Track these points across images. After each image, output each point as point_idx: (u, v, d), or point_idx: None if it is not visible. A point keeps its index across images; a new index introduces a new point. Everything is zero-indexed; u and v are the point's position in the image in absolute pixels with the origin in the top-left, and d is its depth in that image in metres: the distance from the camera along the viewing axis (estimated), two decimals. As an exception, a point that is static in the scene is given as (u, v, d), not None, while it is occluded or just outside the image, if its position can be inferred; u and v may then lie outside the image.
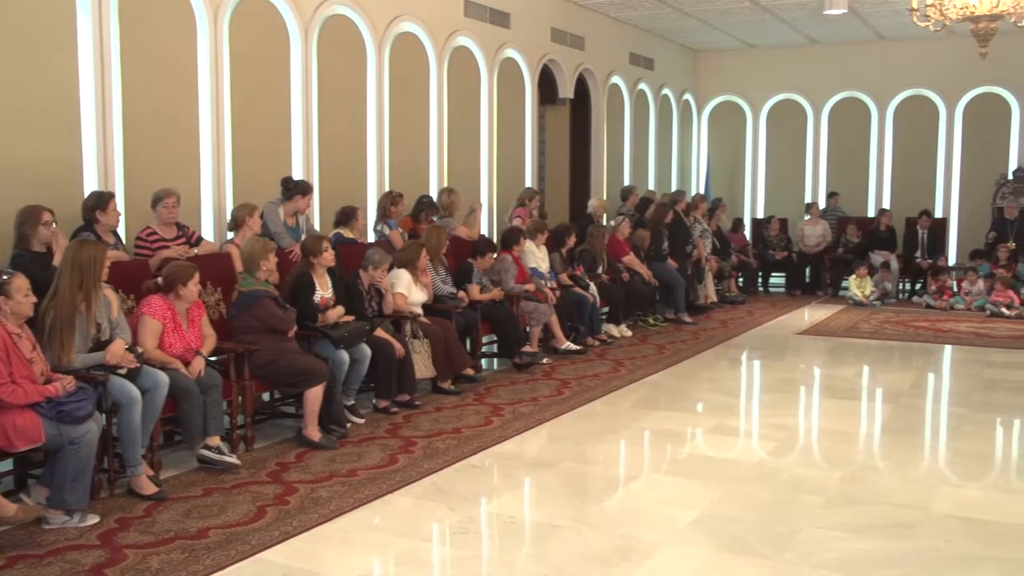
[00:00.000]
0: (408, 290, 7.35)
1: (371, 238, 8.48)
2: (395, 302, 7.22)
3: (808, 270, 14.17)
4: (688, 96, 16.19)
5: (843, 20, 13.04)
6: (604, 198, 12.52)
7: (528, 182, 11.70)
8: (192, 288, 5.55)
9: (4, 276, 4.62)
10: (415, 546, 4.44)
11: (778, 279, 14.59)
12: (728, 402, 7.57)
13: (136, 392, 4.94)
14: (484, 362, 8.51)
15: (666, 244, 11.40)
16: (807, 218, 14.37)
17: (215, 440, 5.45)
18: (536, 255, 9.36)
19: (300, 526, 4.56)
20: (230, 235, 6.96)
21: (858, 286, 12.82)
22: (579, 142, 13.38)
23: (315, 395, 5.92)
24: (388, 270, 7.16)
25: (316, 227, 8.04)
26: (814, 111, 15.75)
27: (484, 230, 10.27)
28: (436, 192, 9.59)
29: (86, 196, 6.19)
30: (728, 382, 8.51)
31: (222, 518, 4.66)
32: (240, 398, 5.83)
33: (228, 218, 7.15)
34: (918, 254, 13.53)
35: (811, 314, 12.12)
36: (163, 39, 7.06)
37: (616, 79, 13.63)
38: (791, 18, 13.30)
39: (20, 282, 4.62)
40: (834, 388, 8.16)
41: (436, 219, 8.83)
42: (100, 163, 6.58)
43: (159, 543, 4.33)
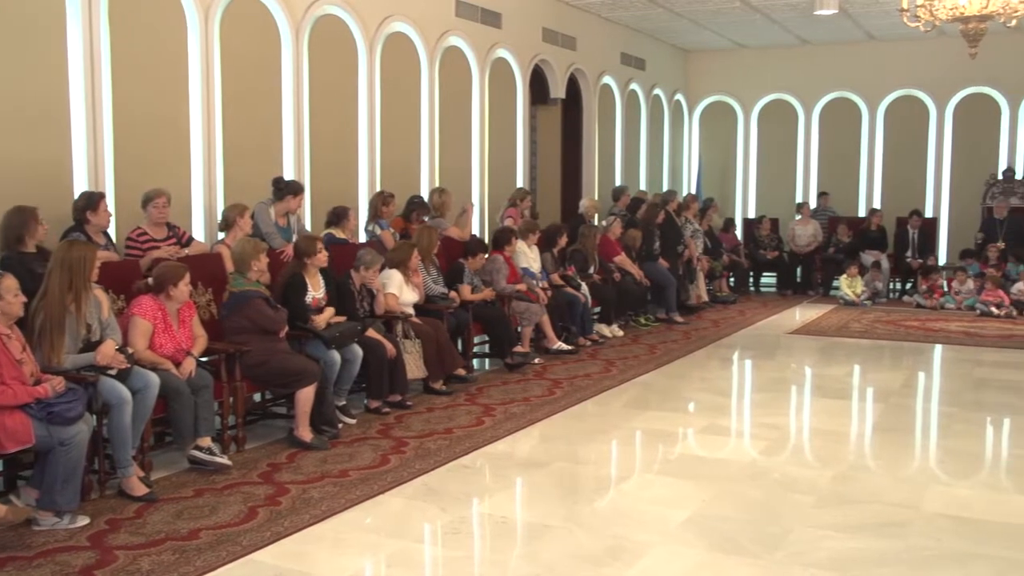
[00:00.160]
0: (399, 290, 7.34)
1: (362, 238, 8.47)
2: (386, 302, 7.21)
3: (799, 270, 14.18)
4: (679, 96, 16.21)
5: (834, 20, 13.07)
6: (596, 198, 12.53)
7: (519, 182, 11.70)
8: (183, 288, 5.54)
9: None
10: (406, 547, 4.43)
11: (769, 279, 14.62)
12: (719, 402, 7.58)
13: (127, 393, 4.93)
14: (475, 362, 8.52)
15: (657, 244, 11.41)
16: (798, 218, 14.39)
17: (206, 441, 5.43)
18: (528, 255, 9.36)
19: (291, 527, 4.55)
20: (221, 235, 6.94)
21: (849, 286, 12.86)
22: (570, 142, 13.38)
23: (306, 396, 5.91)
24: (379, 270, 7.15)
25: (307, 227, 8.02)
26: (805, 111, 15.79)
27: (475, 230, 10.28)
28: (427, 192, 9.59)
29: (76, 196, 6.17)
30: (719, 382, 8.52)
31: (213, 519, 4.65)
32: (231, 399, 5.82)
33: (219, 218, 7.13)
34: (908, 254, 13.57)
35: (802, 314, 12.15)
36: (154, 39, 7.04)
37: (607, 79, 13.64)
38: (782, 18, 13.32)
39: (9, 282, 4.60)
40: (825, 387, 8.18)
41: (427, 219, 8.83)
42: (90, 163, 6.56)
43: (150, 544, 4.32)
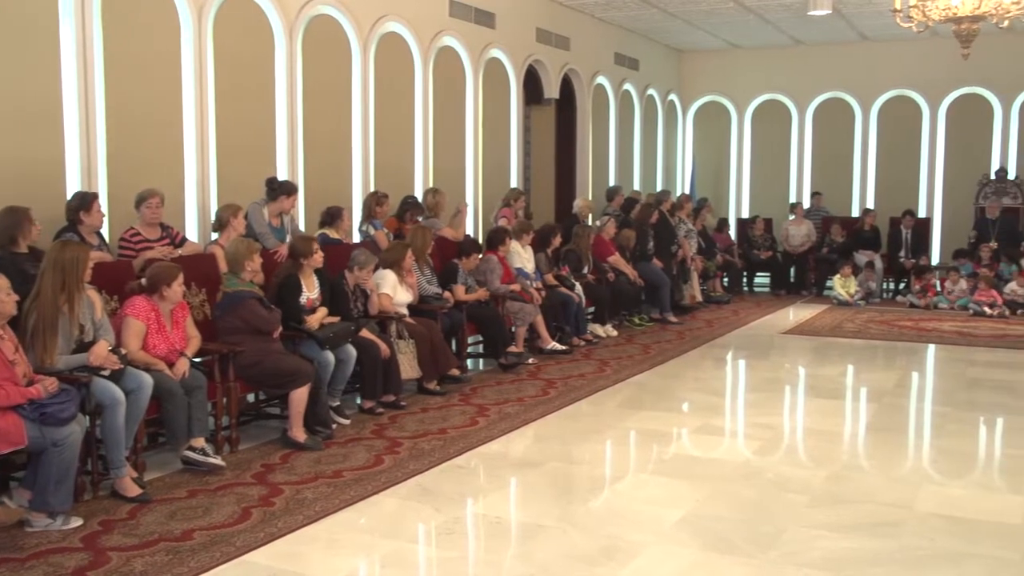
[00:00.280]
0: (393, 291, 7.34)
1: (356, 239, 8.46)
2: (380, 303, 7.20)
3: (793, 270, 14.21)
4: (673, 96, 16.22)
5: (827, 21, 13.09)
6: (589, 198, 12.55)
7: (513, 182, 11.69)
8: (176, 289, 5.52)
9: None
10: (401, 547, 4.43)
11: (763, 279, 14.63)
12: (713, 402, 7.59)
13: (120, 394, 4.92)
14: (470, 362, 8.50)
15: (651, 244, 11.42)
16: (792, 218, 14.42)
17: (199, 441, 5.42)
18: (521, 255, 9.36)
19: (285, 527, 4.54)
20: (214, 236, 6.93)
21: (842, 286, 12.88)
22: (564, 142, 13.39)
23: (300, 396, 5.90)
24: (373, 271, 7.15)
25: (301, 227, 8.02)
26: (798, 111, 15.81)
27: (469, 230, 10.27)
28: (421, 192, 9.58)
29: (69, 197, 6.16)
30: (713, 382, 8.53)
31: (207, 520, 4.64)
32: (225, 399, 5.81)
33: (212, 219, 7.12)
34: (902, 254, 13.61)
35: (796, 314, 12.17)
36: (147, 38, 7.03)
37: (601, 79, 13.65)
38: (775, 19, 13.34)
39: (0, 281, 4.58)
40: (819, 387, 8.19)
41: (421, 219, 8.82)
42: (83, 163, 6.54)
43: (143, 545, 4.31)
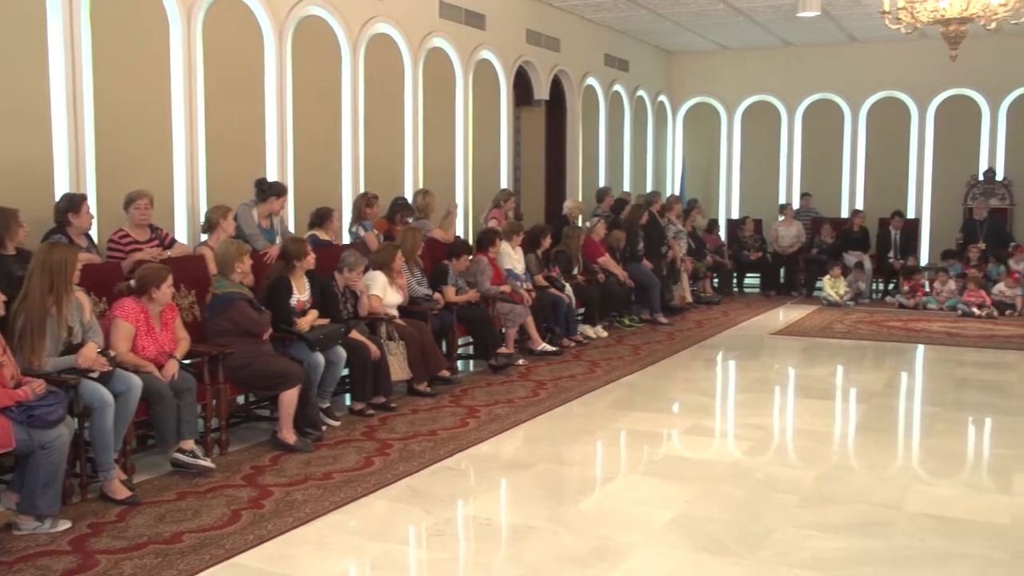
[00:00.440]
0: (383, 292, 7.33)
1: (346, 240, 8.45)
2: (370, 304, 7.19)
3: (782, 271, 14.25)
4: (663, 97, 16.24)
5: (816, 22, 13.13)
6: (579, 199, 12.54)
7: (503, 183, 11.69)
8: (165, 291, 5.50)
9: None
10: (391, 549, 4.42)
11: (753, 280, 14.67)
12: (703, 402, 7.60)
13: (108, 396, 4.90)
14: (460, 364, 8.50)
15: (641, 245, 11.43)
16: (781, 219, 14.46)
17: (189, 444, 5.40)
18: (512, 256, 9.36)
19: (275, 530, 4.53)
20: (204, 237, 6.91)
21: (832, 286, 12.92)
22: (554, 143, 13.38)
23: (290, 398, 5.89)
24: (363, 272, 7.14)
25: (291, 229, 8.00)
26: (788, 113, 15.85)
27: (460, 231, 10.27)
28: (411, 194, 9.57)
29: (58, 198, 6.13)
30: (703, 382, 8.55)
31: (196, 522, 4.63)
32: (214, 401, 5.79)
33: (202, 220, 7.10)
34: (891, 254, 13.66)
35: (786, 314, 12.20)
36: (135, 39, 7.01)
37: (591, 80, 13.66)
38: (765, 20, 13.37)
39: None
40: (808, 388, 8.22)
41: (411, 221, 8.81)
42: (72, 164, 6.51)
43: (132, 548, 4.29)
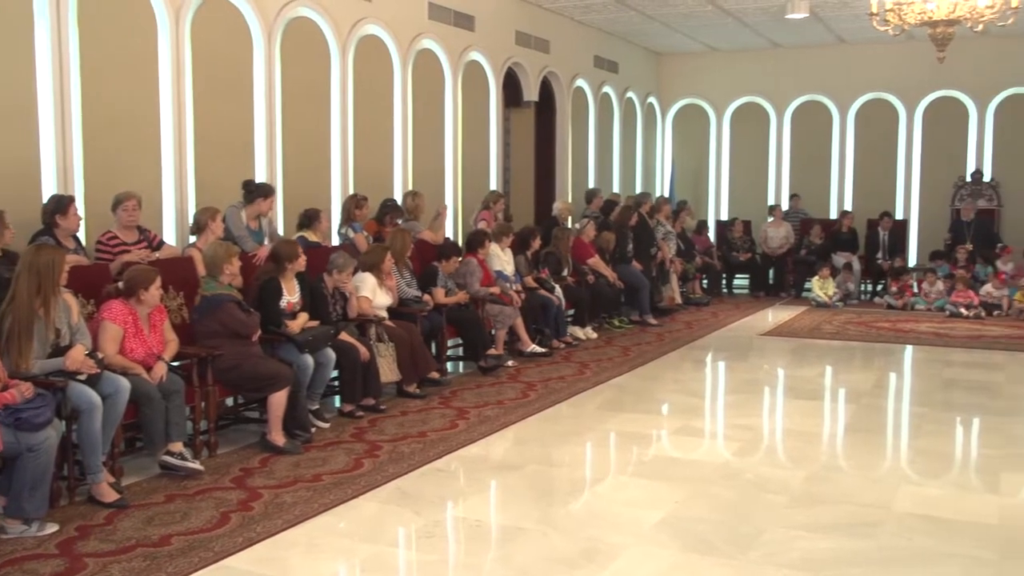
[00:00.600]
0: (373, 294, 7.32)
1: (335, 241, 8.44)
2: (360, 306, 7.18)
3: (771, 272, 14.28)
4: (652, 99, 16.27)
5: (805, 24, 13.17)
6: (569, 201, 12.55)
7: (493, 185, 11.69)
8: (154, 292, 5.48)
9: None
10: (381, 551, 4.42)
11: (742, 281, 14.70)
12: (693, 403, 7.61)
13: (96, 398, 4.87)
14: (449, 365, 8.50)
15: (631, 246, 11.44)
16: (770, 220, 14.49)
17: (178, 446, 5.39)
18: (501, 258, 9.36)
19: (264, 532, 4.52)
20: (192, 239, 6.90)
21: (821, 287, 12.96)
22: (544, 145, 13.39)
23: (279, 400, 5.88)
24: (353, 274, 7.13)
25: (279, 230, 7.99)
26: (777, 114, 15.89)
27: (449, 233, 10.26)
28: (401, 195, 9.56)
29: (45, 200, 6.11)
30: (693, 383, 8.56)
31: (185, 525, 4.61)
32: (203, 403, 5.77)
33: (190, 221, 7.08)
34: (879, 255, 13.70)
35: (775, 315, 12.23)
36: (123, 40, 6.99)
37: (580, 82, 13.67)
38: (753, 22, 13.41)
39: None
40: (798, 389, 8.24)
41: (401, 222, 8.80)
42: (59, 166, 6.49)
43: (120, 551, 4.27)
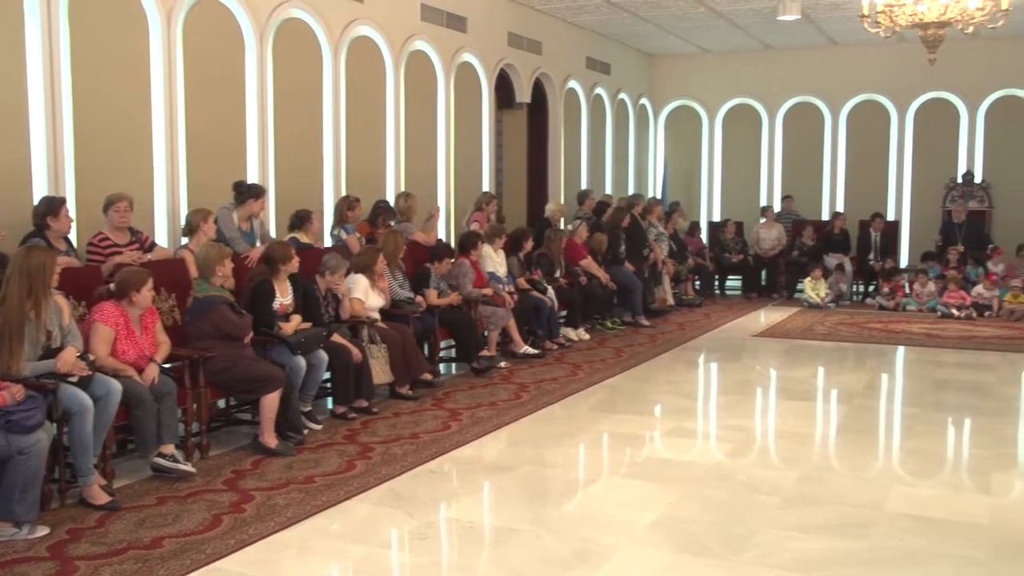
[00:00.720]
0: (365, 295, 7.31)
1: (328, 243, 8.42)
2: (352, 307, 7.18)
3: (764, 273, 14.31)
4: (644, 100, 16.29)
5: (796, 26, 13.20)
6: (561, 202, 12.56)
7: (485, 186, 11.69)
8: (146, 294, 5.47)
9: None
10: (373, 552, 4.41)
11: (734, 282, 14.72)
12: (685, 404, 7.62)
13: (88, 400, 4.86)
14: (442, 367, 8.48)
15: (623, 248, 11.45)
16: (762, 221, 14.52)
17: (169, 448, 5.38)
18: (494, 259, 9.36)
19: (256, 534, 4.51)
20: (184, 240, 6.88)
21: (813, 288, 12.98)
22: (536, 146, 13.40)
23: (271, 402, 5.87)
24: (345, 275, 7.12)
25: (271, 231, 7.97)
26: (768, 115, 15.92)
27: (441, 234, 10.26)
28: (393, 196, 9.56)
29: (36, 202, 6.09)
30: (685, 384, 8.57)
31: (177, 527, 4.60)
32: (195, 405, 5.76)
33: (182, 223, 7.07)
34: (871, 256, 13.74)
35: (767, 316, 12.25)
36: (115, 41, 6.97)
37: (573, 83, 13.68)
38: (745, 23, 13.43)
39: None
40: (790, 390, 8.25)
41: (393, 224, 8.80)
42: (50, 167, 6.47)
43: (112, 553, 4.26)
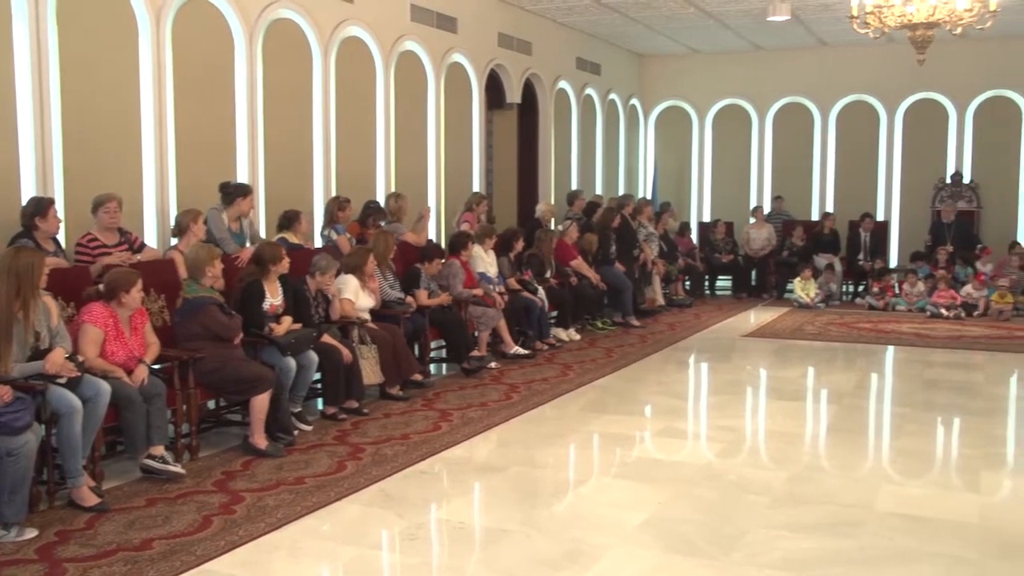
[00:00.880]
0: (355, 296, 7.30)
1: (318, 243, 8.41)
2: (342, 308, 7.17)
3: (754, 273, 14.33)
4: (635, 101, 16.31)
5: (786, 26, 13.23)
6: (552, 202, 12.56)
7: (476, 187, 11.68)
8: (135, 295, 5.45)
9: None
10: (364, 553, 4.41)
11: (724, 282, 14.75)
12: (676, 405, 7.63)
13: (76, 401, 4.84)
14: (432, 367, 8.48)
15: (613, 248, 11.46)
16: (752, 221, 14.55)
17: (159, 449, 5.36)
18: (484, 260, 9.36)
19: (247, 535, 4.50)
20: (174, 241, 6.86)
21: (803, 288, 13.01)
22: (526, 147, 13.40)
23: (261, 402, 5.85)
24: (335, 276, 7.11)
25: (261, 232, 7.95)
26: (758, 116, 15.96)
27: (432, 235, 10.24)
28: (383, 197, 9.55)
29: (24, 202, 6.06)
30: (676, 385, 8.58)
31: (166, 528, 4.58)
32: (184, 406, 5.74)
33: (172, 223, 7.05)
34: (861, 256, 13.78)
35: (757, 316, 12.27)
36: (103, 41, 6.94)
37: (563, 84, 13.69)
38: (735, 24, 13.46)
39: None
40: (780, 390, 8.27)
41: (384, 224, 8.79)
42: (39, 167, 6.44)
43: (101, 555, 4.24)
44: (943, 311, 11.83)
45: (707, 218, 15.92)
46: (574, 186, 13.73)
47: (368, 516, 4.85)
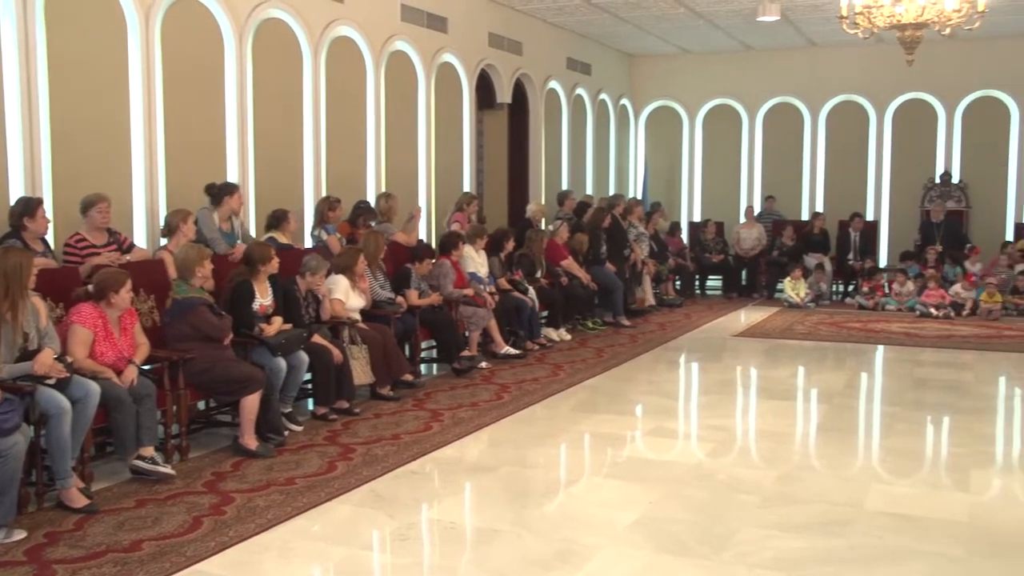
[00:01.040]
0: (346, 296, 7.29)
1: (308, 243, 8.40)
2: (333, 308, 7.15)
3: (744, 273, 14.36)
4: (625, 101, 16.32)
5: (776, 27, 13.26)
6: (542, 202, 12.56)
7: (466, 187, 11.68)
8: (124, 295, 5.44)
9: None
10: (354, 554, 4.40)
11: (715, 282, 14.78)
12: (666, 404, 7.64)
13: (65, 402, 4.82)
14: (423, 367, 8.48)
15: (604, 248, 11.46)
16: (743, 221, 14.58)
17: (149, 450, 5.34)
18: (475, 260, 9.35)
19: (237, 536, 4.49)
20: (163, 241, 6.84)
21: (793, 288, 13.04)
22: (517, 147, 13.40)
23: (251, 403, 5.84)
24: (326, 276, 7.09)
25: (251, 232, 7.94)
26: (749, 116, 15.99)
27: (422, 235, 10.23)
28: (374, 197, 9.54)
29: (13, 202, 6.03)
30: (666, 384, 8.59)
31: (156, 530, 4.57)
32: (174, 407, 5.73)
33: (161, 224, 7.03)
34: (850, 256, 13.82)
35: (747, 316, 12.29)
36: (92, 40, 6.92)
37: (553, 84, 13.69)
38: (725, 24, 13.48)
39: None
40: (770, 389, 8.29)
41: (374, 224, 8.78)
42: (27, 168, 6.41)
43: (90, 557, 4.22)
44: (932, 310, 11.87)
45: (697, 218, 15.95)
46: (564, 186, 13.75)
47: (359, 516, 4.85)
